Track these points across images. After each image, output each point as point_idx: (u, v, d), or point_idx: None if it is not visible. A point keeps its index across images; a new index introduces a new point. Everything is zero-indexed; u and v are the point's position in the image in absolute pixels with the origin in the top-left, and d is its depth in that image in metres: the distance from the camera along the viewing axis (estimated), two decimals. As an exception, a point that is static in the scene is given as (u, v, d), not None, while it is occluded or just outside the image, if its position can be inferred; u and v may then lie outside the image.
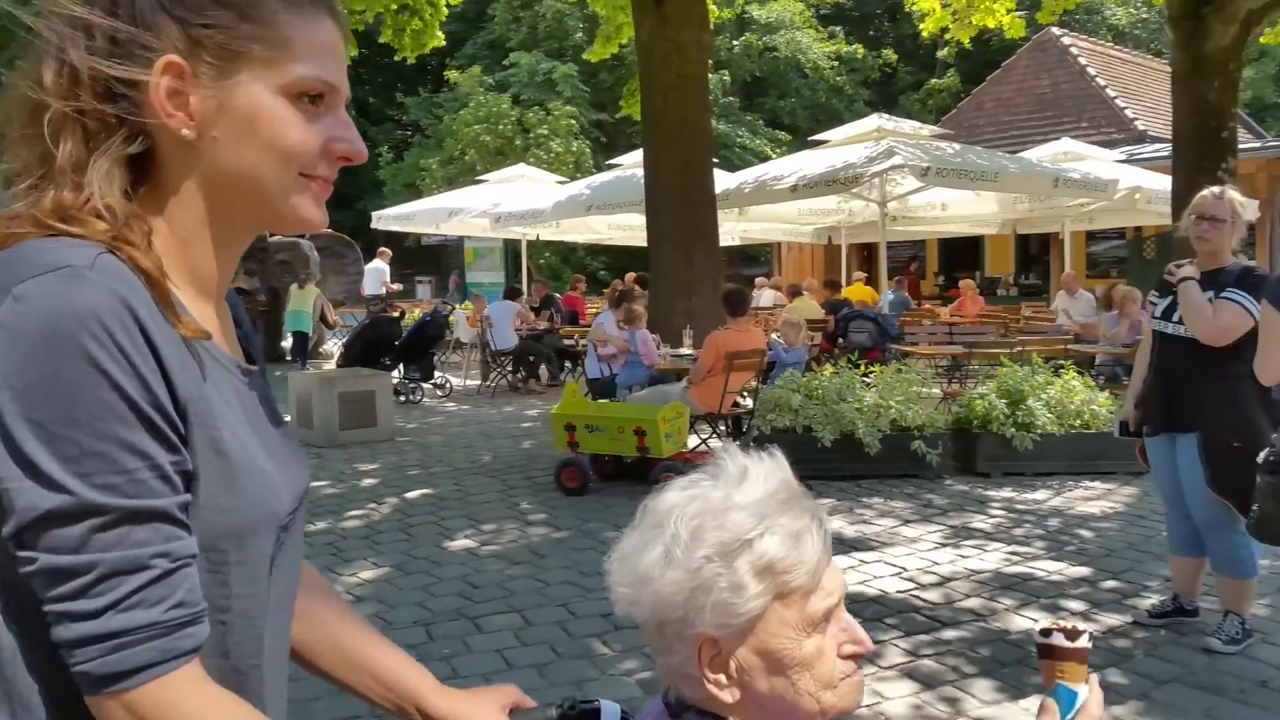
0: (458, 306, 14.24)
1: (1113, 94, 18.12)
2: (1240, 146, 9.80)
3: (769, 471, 0.96)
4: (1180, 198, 8.28)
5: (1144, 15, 29.54)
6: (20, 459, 0.73)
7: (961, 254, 19.67)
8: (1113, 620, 4.18)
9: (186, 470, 0.80)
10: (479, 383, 12.19)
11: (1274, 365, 3.25)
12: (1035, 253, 18.37)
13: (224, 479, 0.83)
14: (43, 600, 0.75)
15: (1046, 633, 1.07)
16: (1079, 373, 7.35)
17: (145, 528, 0.76)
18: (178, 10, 0.82)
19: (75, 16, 0.81)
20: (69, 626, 0.75)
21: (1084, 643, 1.06)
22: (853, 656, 0.97)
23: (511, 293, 12.56)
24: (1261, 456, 3.27)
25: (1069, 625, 1.06)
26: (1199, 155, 8.89)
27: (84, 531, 0.74)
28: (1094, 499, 6.22)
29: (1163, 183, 10.50)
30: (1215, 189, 3.86)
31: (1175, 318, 3.81)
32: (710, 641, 0.92)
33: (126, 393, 0.75)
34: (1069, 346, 9.62)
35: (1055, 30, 19.36)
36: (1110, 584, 4.66)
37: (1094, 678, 1.07)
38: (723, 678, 0.93)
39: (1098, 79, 18.48)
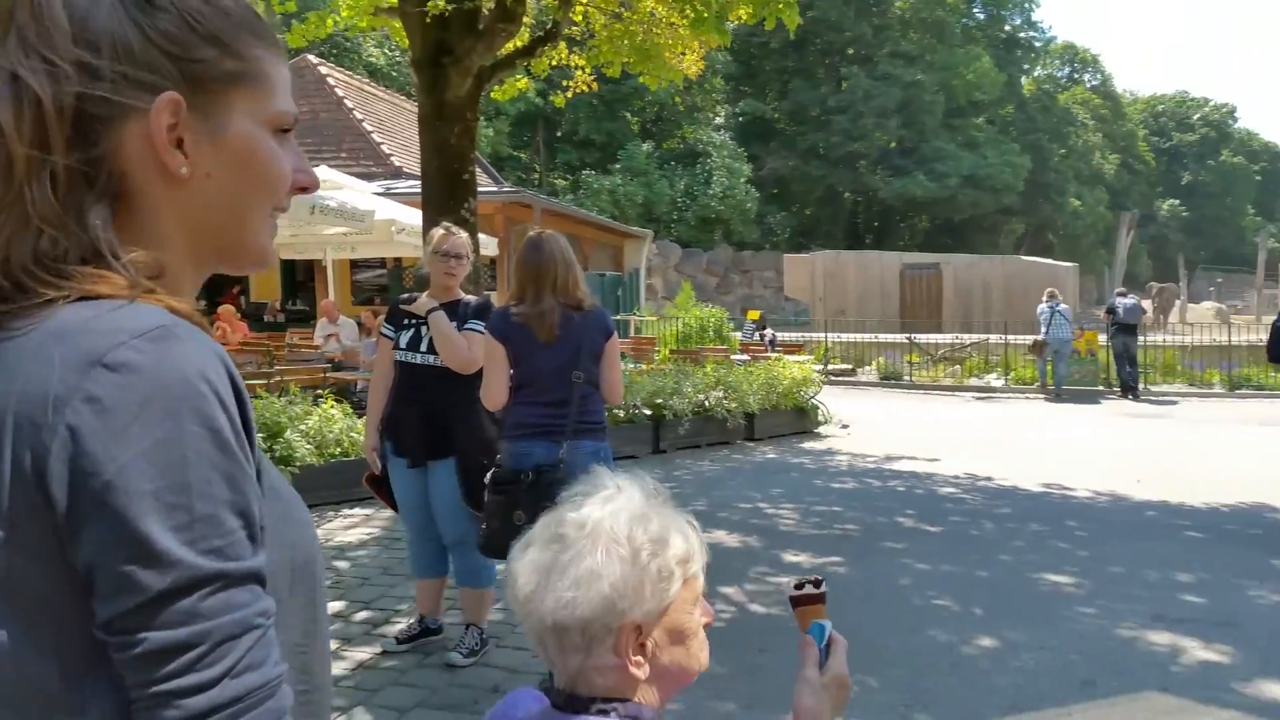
0: None
1: (369, 128, 19.07)
2: (481, 189, 10.92)
3: (638, 482, 1.16)
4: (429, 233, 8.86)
5: (398, 58, 31.89)
6: (128, 539, 0.70)
7: (221, 278, 18.84)
8: (362, 654, 4.12)
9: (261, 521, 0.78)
10: None
11: (496, 391, 3.49)
12: (302, 279, 18.43)
13: (281, 516, 0.84)
14: (141, 684, 0.71)
15: (800, 585, 1.30)
16: (337, 400, 7.36)
17: (244, 589, 0.74)
18: (171, 46, 0.81)
19: (52, 53, 0.77)
20: (179, 705, 0.70)
21: (824, 588, 1.31)
22: (707, 624, 1.18)
23: None
24: (489, 476, 3.48)
25: (812, 578, 1.31)
26: (445, 194, 9.67)
27: (194, 602, 0.71)
28: (353, 527, 6.24)
29: (416, 217, 11.23)
30: (443, 228, 4.06)
31: (423, 348, 3.91)
32: (635, 628, 1.08)
33: (232, 449, 0.74)
34: (328, 375, 9.68)
35: (312, 59, 19.75)
36: (363, 615, 4.63)
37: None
38: (640, 658, 1.09)
39: (355, 112, 19.29)
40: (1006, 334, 17.69)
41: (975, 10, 50.79)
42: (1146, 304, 26.19)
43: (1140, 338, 16.06)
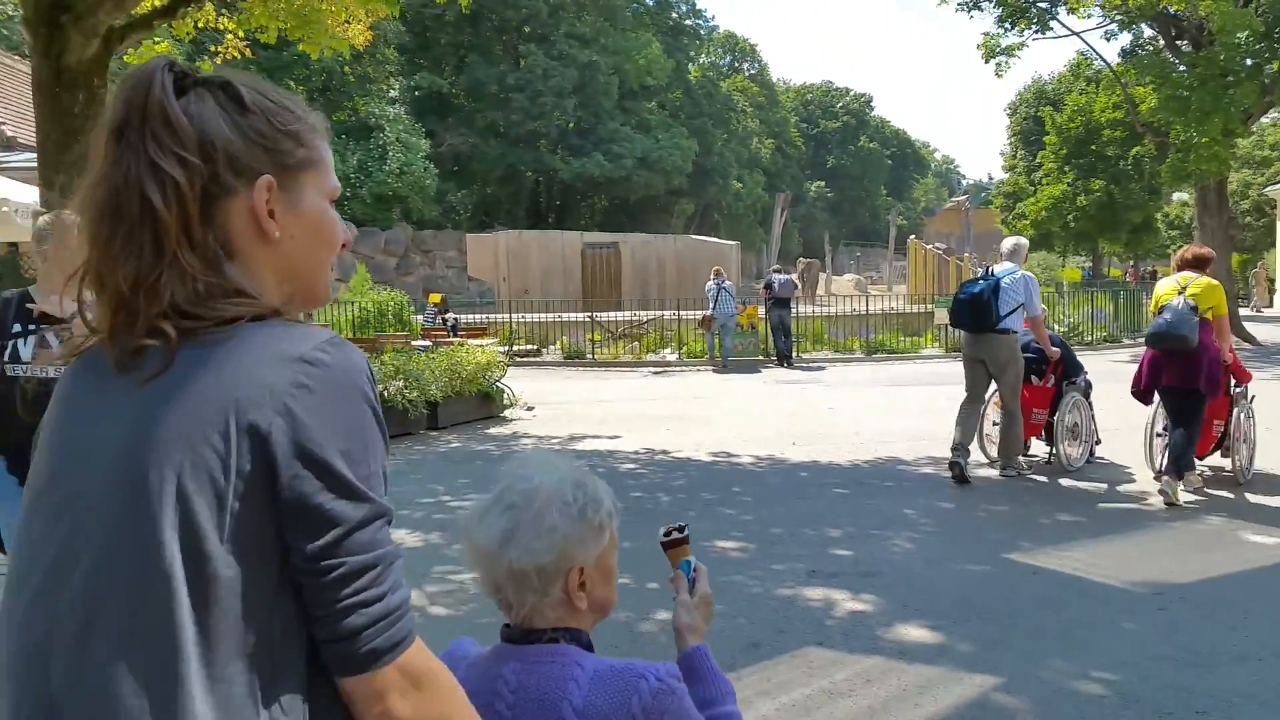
0: None
1: (-22, 93, 16.44)
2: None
3: (560, 457, 1.51)
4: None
5: (10, 11, 27.69)
6: (332, 483, 0.98)
7: None
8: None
9: None
10: None
11: None
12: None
13: None
14: (334, 599, 0.97)
15: (668, 533, 1.69)
16: None
17: (390, 528, 1.04)
18: (262, 140, 1.08)
19: (184, 151, 1.04)
20: (363, 612, 0.98)
21: (687, 532, 1.68)
22: None
23: None
24: None
25: (675, 525, 1.69)
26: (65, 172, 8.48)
27: (373, 532, 1.00)
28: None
29: (33, 195, 9.77)
30: (54, 214, 3.44)
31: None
32: (580, 570, 1.39)
33: (382, 422, 1.04)
34: None
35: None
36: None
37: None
38: (583, 594, 1.40)
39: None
40: (679, 310, 18.67)
41: (644, -4, 52.95)
42: (796, 278, 28.80)
43: (793, 310, 17.57)
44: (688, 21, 55.83)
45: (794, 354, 17.26)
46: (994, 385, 7.52)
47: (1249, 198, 40.39)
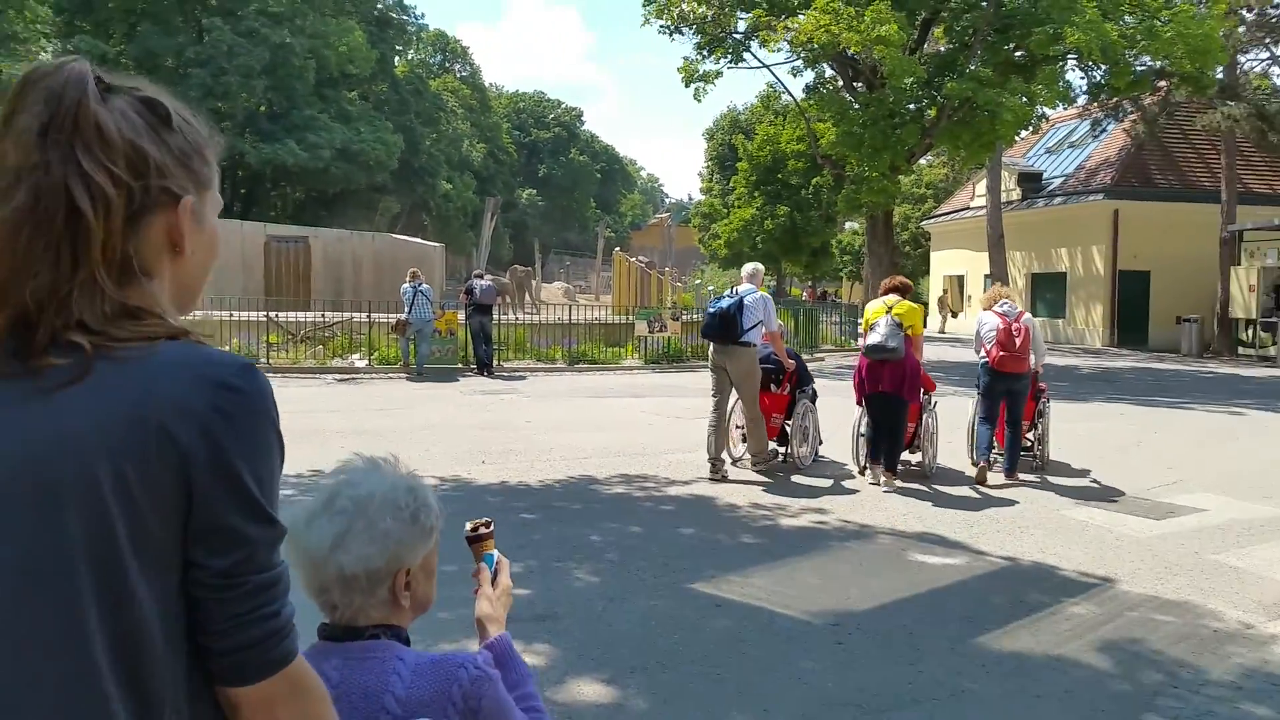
0: None
1: None
2: None
3: (387, 461, 1.50)
4: None
5: None
6: (244, 506, 1.02)
7: None
8: None
9: None
10: None
11: None
12: None
13: None
14: (235, 614, 1.02)
15: (475, 529, 1.74)
16: None
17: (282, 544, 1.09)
18: (182, 159, 1.10)
19: (114, 165, 1.03)
20: (262, 626, 1.03)
21: (492, 528, 1.77)
22: None
23: None
24: None
25: (482, 520, 1.76)
26: None
27: (273, 552, 1.05)
28: None
29: None
30: None
31: None
32: (406, 571, 1.42)
33: (284, 448, 1.09)
34: None
35: None
36: None
37: None
38: (408, 594, 1.44)
39: None
40: (373, 313, 17.50)
41: (348, -18, 50.35)
42: (511, 282, 28.28)
43: (496, 317, 17.00)
44: (394, 15, 53.80)
45: (495, 362, 16.68)
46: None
47: (908, 230, 45.11)
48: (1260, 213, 26.22)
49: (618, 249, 38.43)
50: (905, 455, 8.38)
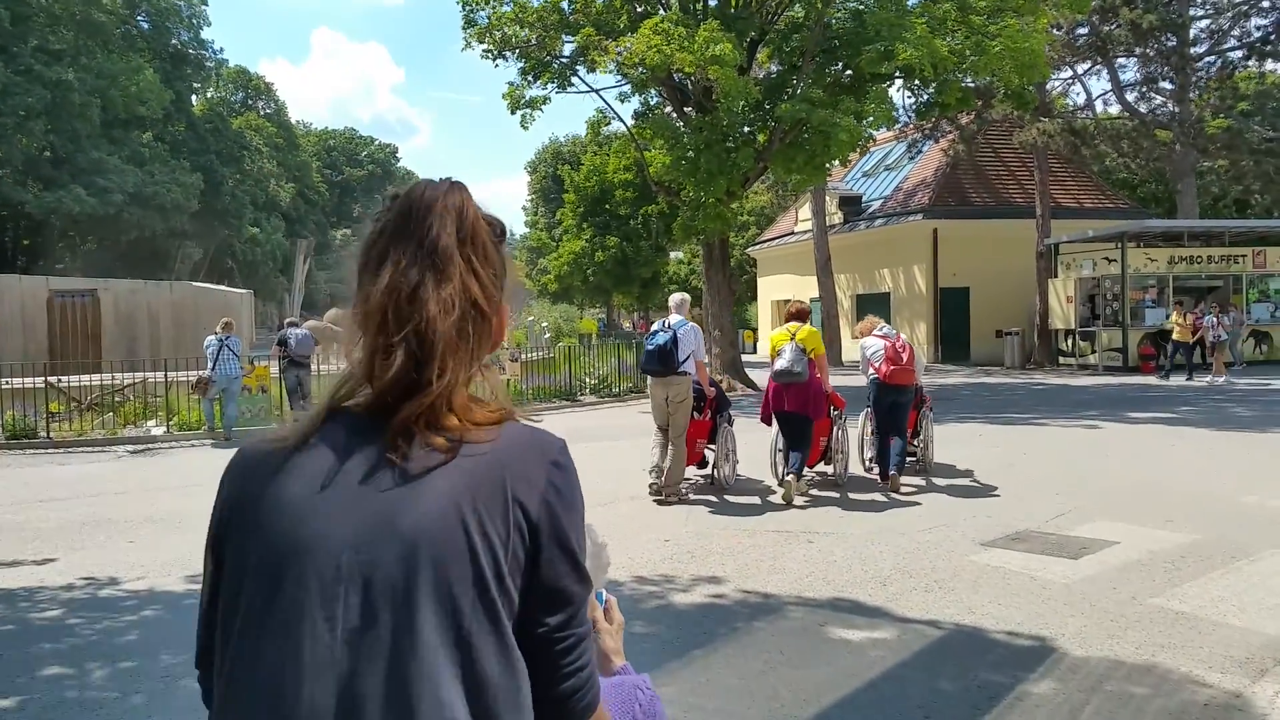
0: None
1: None
2: None
3: None
4: None
5: None
6: (572, 569, 1.16)
7: None
8: None
9: None
10: None
11: None
12: None
13: None
14: (560, 664, 1.14)
15: None
16: None
17: None
18: (507, 268, 1.27)
19: (494, 284, 1.23)
20: (580, 675, 1.16)
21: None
22: None
23: None
24: None
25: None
26: None
27: (583, 609, 1.18)
28: None
29: None
30: None
31: None
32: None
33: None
34: None
35: None
36: None
37: None
38: None
39: None
40: (170, 371, 15.44)
41: (139, 19, 46.71)
42: (328, 327, 26.22)
43: (315, 368, 15.30)
44: (191, 51, 50.29)
45: (315, 420, 14.97)
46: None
47: (735, 256, 45.60)
48: (1070, 226, 27.62)
49: (445, 288, 36.74)
50: (821, 466, 9.20)
